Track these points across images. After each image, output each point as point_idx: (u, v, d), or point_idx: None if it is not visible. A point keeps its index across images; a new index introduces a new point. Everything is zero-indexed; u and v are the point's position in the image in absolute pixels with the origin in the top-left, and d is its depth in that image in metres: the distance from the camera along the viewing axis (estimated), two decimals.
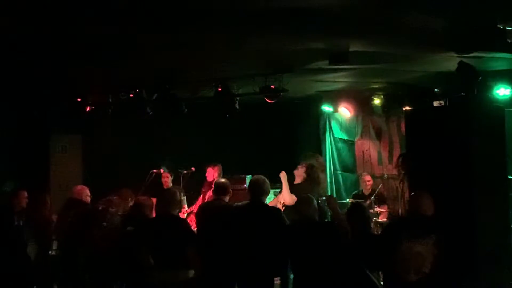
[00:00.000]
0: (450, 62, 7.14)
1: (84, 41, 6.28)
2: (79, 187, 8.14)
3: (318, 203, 6.55)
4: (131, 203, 7.50)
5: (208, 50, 6.80)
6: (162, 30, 5.91)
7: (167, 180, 9.73)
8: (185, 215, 9.26)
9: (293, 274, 6.26)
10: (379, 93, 9.68)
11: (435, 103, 7.83)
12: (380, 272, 5.89)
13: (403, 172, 7.93)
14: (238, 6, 5.08)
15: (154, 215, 6.67)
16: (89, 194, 7.94)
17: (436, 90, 8.61)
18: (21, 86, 8.71)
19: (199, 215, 7.16)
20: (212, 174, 9.31)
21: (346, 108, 10.57)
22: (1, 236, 6.37)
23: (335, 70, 7.91)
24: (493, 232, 6.31)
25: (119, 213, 6.89)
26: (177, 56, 7.09)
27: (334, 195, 10.95)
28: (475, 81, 7.17)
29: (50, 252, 7.41)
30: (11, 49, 6.52)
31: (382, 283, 5.82)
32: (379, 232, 7.32)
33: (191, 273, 6.08)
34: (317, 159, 8.81)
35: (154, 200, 6.77)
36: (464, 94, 7.37)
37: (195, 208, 9.13)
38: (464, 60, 6.99)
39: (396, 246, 5.28)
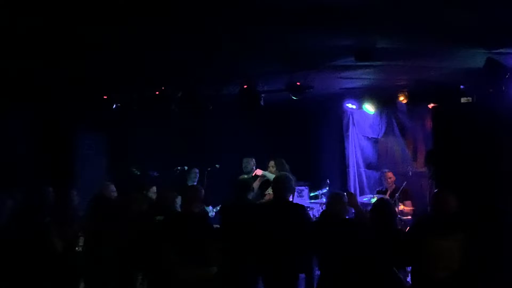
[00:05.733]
0: (477, 58, 7.07)
1: (110, 39, 6.33)
2: (105, 184, 8.22)
3: None
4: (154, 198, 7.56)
5: (234, 47, 6.82)
6: (190, 29, 5.94)
7: None
8: None
9: (319, 271, 6.27)
10: (403, 90, 9.61)
11: (463, 100, 7.76)
12: (407, 269, 5.88)
13: (433, 169, 7.88)
14: (264, 4, 5.08)
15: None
16: (114, 190, 8.02)
17: (461, 87, 8.54)
18: (48, 84, 8.80)
19: (223, 213, 7.18)
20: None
21: (370, 105, 10.53)
22: (28, 233, 6.43)
23: (360, 67, 7.86)
24: None
25: (142, 209, 6.95)
26: (202, 53, 7.12)
27: (358, 192, 10.96)
28: (503, 77, 7.10)
29: (76, 248, 7.48)
30: (39, 46, 6.60)
31: (409, 280, 5.80)
32: (405, 230, 7.29)
33: (214, 269, 6.10)
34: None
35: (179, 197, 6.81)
36: (491, 90, 7.30)
37: None
38: (492, 56, 6.93)
39: (424, 243, 5.25)
